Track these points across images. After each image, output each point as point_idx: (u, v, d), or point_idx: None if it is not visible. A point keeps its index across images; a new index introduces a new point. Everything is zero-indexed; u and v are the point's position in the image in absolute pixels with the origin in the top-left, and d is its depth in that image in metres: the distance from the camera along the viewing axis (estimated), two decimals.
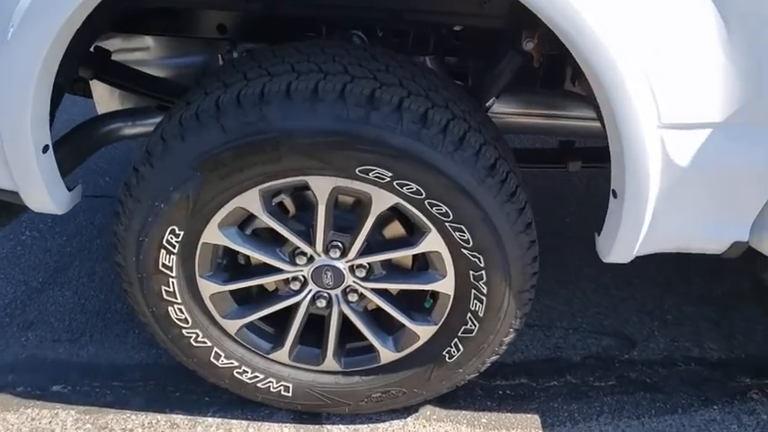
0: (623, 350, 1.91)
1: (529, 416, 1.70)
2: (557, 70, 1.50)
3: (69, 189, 1.38)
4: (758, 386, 1.81)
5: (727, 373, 1.84)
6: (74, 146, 1.59)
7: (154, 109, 1.73)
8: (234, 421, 1.66)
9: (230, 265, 1.47)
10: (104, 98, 1.80)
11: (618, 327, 1.99)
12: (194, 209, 1.27)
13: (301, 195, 1.39)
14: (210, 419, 1.66)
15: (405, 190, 1.22)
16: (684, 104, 1.09)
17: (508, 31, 1.45)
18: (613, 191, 1.23)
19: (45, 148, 1.25)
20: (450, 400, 1.69)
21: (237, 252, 1.47)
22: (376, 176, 1.21)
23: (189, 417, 1.67)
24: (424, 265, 1.43)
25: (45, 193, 1.29)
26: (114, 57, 1.68)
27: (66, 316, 2.00)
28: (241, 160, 1.19)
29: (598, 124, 1.63)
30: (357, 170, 1.20)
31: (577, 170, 1.72)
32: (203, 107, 1.18)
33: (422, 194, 1.22)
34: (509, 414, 1.70)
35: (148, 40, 1.71)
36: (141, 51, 1.72)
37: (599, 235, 1.34)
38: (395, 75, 1.22)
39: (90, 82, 1.74)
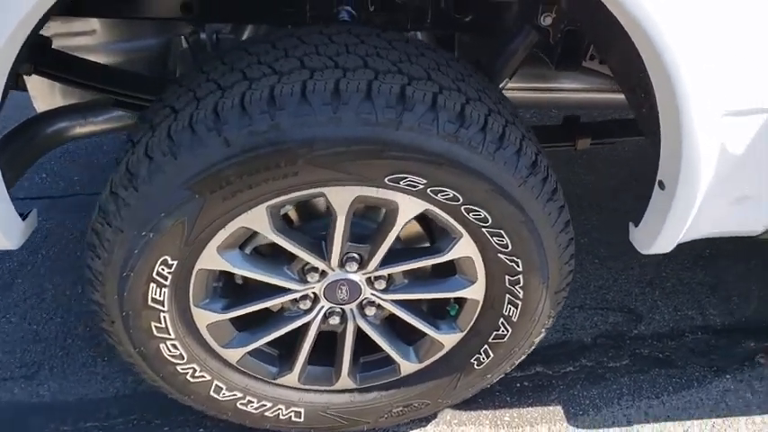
0: (631, 325, 1.90)
1: (551, 408, 1.66)
2: (575, 47, 1.39)
3: (22, 217, 1.16)
4: (763, 349, 1.84)
5: (731, 338, 1.87)
6: (10, 157, 1.35)
7: (109, 102, 1.50)
8: None
9: (227, 288, 1.30)
10: (43, 93, 1.54)
11: (622, 300, 1.97)
12: (191, 235, 1.09)
13: (307, 204, 1.23)
14: None
15: (439, 197, 1.09)
16: (748, 89, 1.01)
17: (524, 4, 1.32)
18: (660, 182, 1.15)
19: None
20: (469, 400, 1.61)
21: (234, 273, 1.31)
22: (408, 184, 1.07)
23: None
24: (447, 270, 1.31)
25: None
26: (53, 44, 1.42)
27: (16, 347, 1.76)
28: (249, 177, 1.02)
29: (609, 96, 1.56)
30: (386, 179, 1.06)
31: (586, 147, 1.64)
32: (199, 116, 0.99)
33: (458, 200, 1.10)
34: (530, 408, 1.66)
35: (94, 23, 1.45)
36: (85, 36, 1.47)
37: (636, 226, 1.27)
38: (420, 66, 1.07)
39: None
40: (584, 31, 1.33)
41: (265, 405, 1.42)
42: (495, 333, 1.35)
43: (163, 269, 1.12)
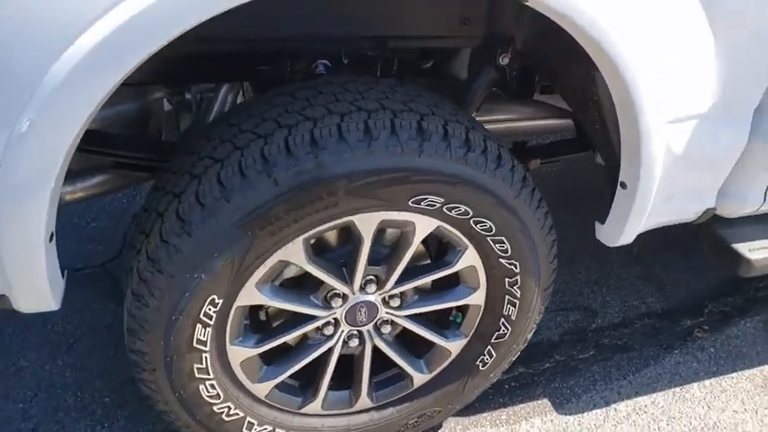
0: (589, 320, 2.17)
1: (539, 402, 1.87)
2: (527, 82, 1.67)
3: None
4: (697, 325, 2.18)
5: (672, 320, 2.20)
6: None
7: (100, 167, 1.57)
8: None
9: (253, 324, 1.40)
10: None
11: (576, 300, 2.25)
12: (238, 272, 1.20)
13: (320, 237, 1.38)
14: None
15: (453, 213, 1.29)
16: (682, 101, 1.31)
17: (483, 48, 1.58)
18: (622, 183, 1.42)
19: (51, 236, 1.09)
20: (468, 407, 1.78)
21: (258, 309, 1.42)
22: (427, 204, 1.25)
23: None
24: (446, 283, 1.49)
25: (47, 287, 1.12)
26: None
27: (6, 428, 1.71)
28: (296, 212, 1.16)
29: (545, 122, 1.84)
30: (410, 201, 1.24)
31: (537, 167, 1.91)
32: (248, 162, 1.12)
33: (469, 214, 1.30)
34: (522, 405, 1.85)
35: None
36: None
37: (602, 224, 1.53)
38: (422, 104, 1.28)
39: None
40: (535, 68, 1.61)
41: None
42: (496, 333, 1.54)
43: (210, 309, 1.22)
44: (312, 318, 1.40)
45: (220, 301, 1.22)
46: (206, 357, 1.29)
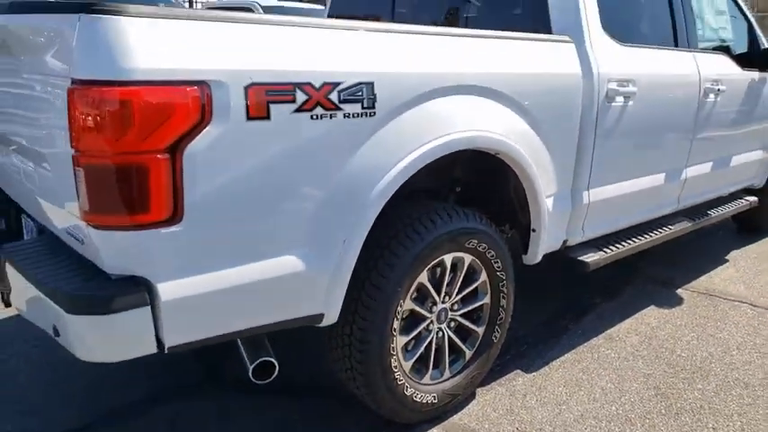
0: (516, 331, 3.89)
1: (514, 371, 3.47)
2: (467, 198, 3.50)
3: None
4: (566, 323, 4.06)
5: (552, 325, 4.04)
6: None
7: None
8: None
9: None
10: None
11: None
12: (408, 288, 2.69)
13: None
14: None
15: (479, 248, 2.96)
16: (548, 187, 3.24)
17: (443, 185, 3.38)
18: (533, 229, 3.25)
19: None
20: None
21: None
22: (471, 245, 2.91)
23: None
24: (471, 295, 3.11)
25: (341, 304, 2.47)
26: None
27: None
28: (431, 253, 2.72)
29: None
30: (466, 244, 2.88)
31: None
32: (409, 234, 2.67)
33: (485, 248, 2.98)
34: (507, 375, 3.44)
35: None
36: None
37: (525, 254, 3.33)
38: (455, 207, 2.99)
39: None
40: (472, 190, 3.45)
41: (422, 395, 2.88)
42: (498, 317, 3.17)
43: (399, 309, 2.66)
44: (424, 318, 2.88)
45: (403, 304, 2.68)
46: (395, 339, 2.69)
